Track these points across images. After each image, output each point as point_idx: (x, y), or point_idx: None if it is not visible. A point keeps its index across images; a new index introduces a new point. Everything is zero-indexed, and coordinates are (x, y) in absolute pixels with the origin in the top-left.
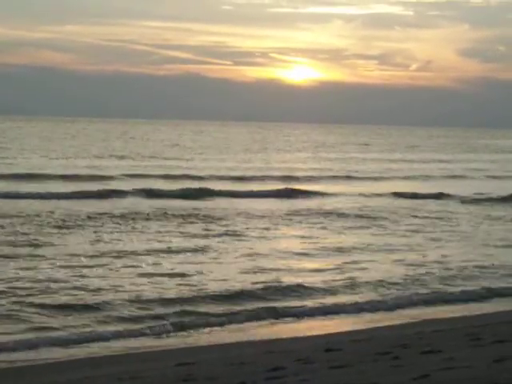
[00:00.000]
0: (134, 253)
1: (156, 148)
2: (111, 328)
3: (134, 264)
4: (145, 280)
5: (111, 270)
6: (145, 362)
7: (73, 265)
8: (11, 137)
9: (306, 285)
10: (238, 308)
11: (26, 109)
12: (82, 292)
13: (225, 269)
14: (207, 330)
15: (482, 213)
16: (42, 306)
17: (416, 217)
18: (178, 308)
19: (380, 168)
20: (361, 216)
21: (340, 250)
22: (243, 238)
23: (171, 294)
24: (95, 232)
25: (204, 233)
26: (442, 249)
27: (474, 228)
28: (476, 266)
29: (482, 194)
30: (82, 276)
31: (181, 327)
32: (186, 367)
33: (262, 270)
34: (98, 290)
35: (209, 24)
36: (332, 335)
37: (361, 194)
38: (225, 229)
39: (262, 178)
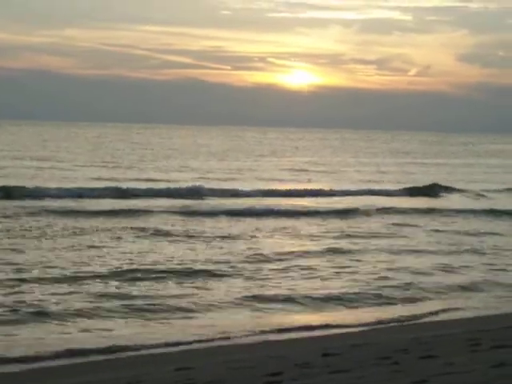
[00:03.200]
0: None
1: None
2: None
3: None
4: None
5: None
6: (144, 366)
7: None
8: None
9: None
10: None
11: (24, 113)
12: None
13: None
14: None
15: None
16: None
17: None
18: None
19: None
20: None
21: None
22: None
23: None
24: None
25: None
26: None
27: None
28: None
29: None
30: None
31: None
32: (186, 372)
33: None
34: None
35: (208, 29)
36: (330, 340)
37: None
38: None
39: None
